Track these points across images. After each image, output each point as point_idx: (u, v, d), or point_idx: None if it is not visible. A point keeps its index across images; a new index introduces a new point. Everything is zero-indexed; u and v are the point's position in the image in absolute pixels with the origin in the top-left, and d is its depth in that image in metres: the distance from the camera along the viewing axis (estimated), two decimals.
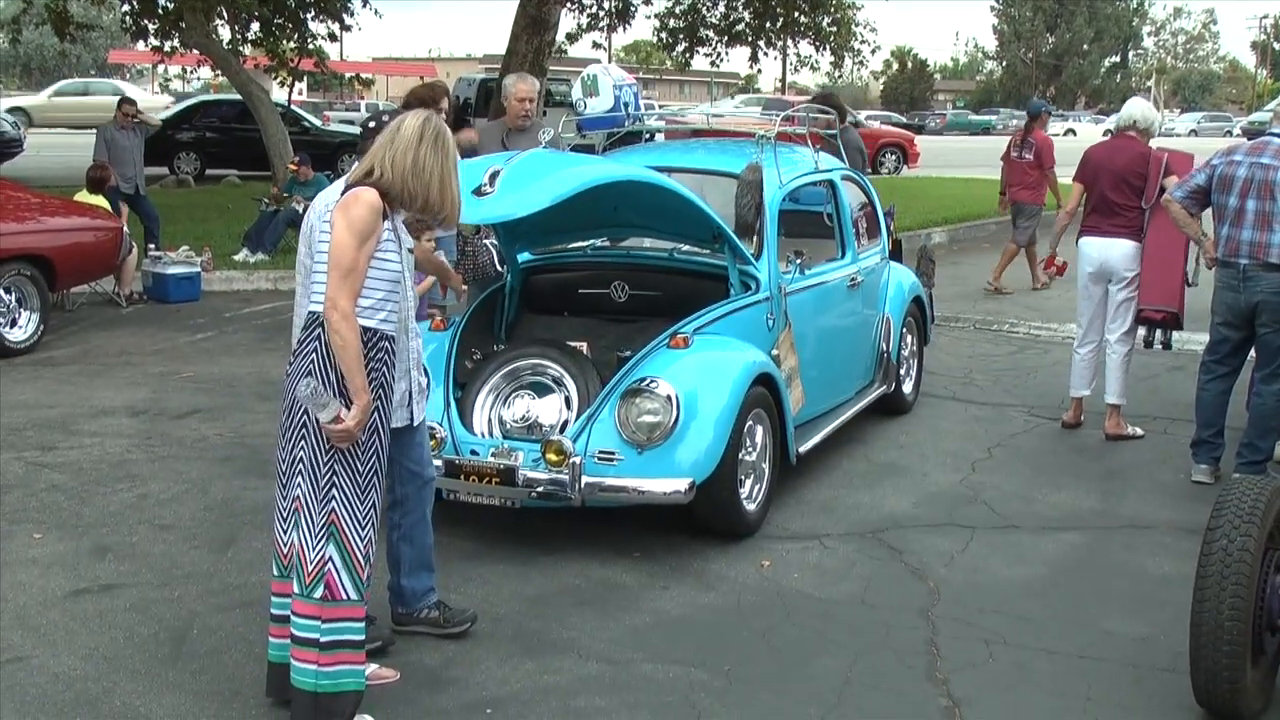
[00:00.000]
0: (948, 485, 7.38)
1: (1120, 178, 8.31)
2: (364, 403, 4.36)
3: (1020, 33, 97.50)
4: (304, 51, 22.35)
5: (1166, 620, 5.44)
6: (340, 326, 4.30)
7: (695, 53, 24.44)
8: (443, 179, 4.48)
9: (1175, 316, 8.24)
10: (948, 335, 11.46)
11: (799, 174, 7.71)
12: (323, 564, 4.44)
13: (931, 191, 23.58)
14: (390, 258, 4.48)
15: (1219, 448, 7.58)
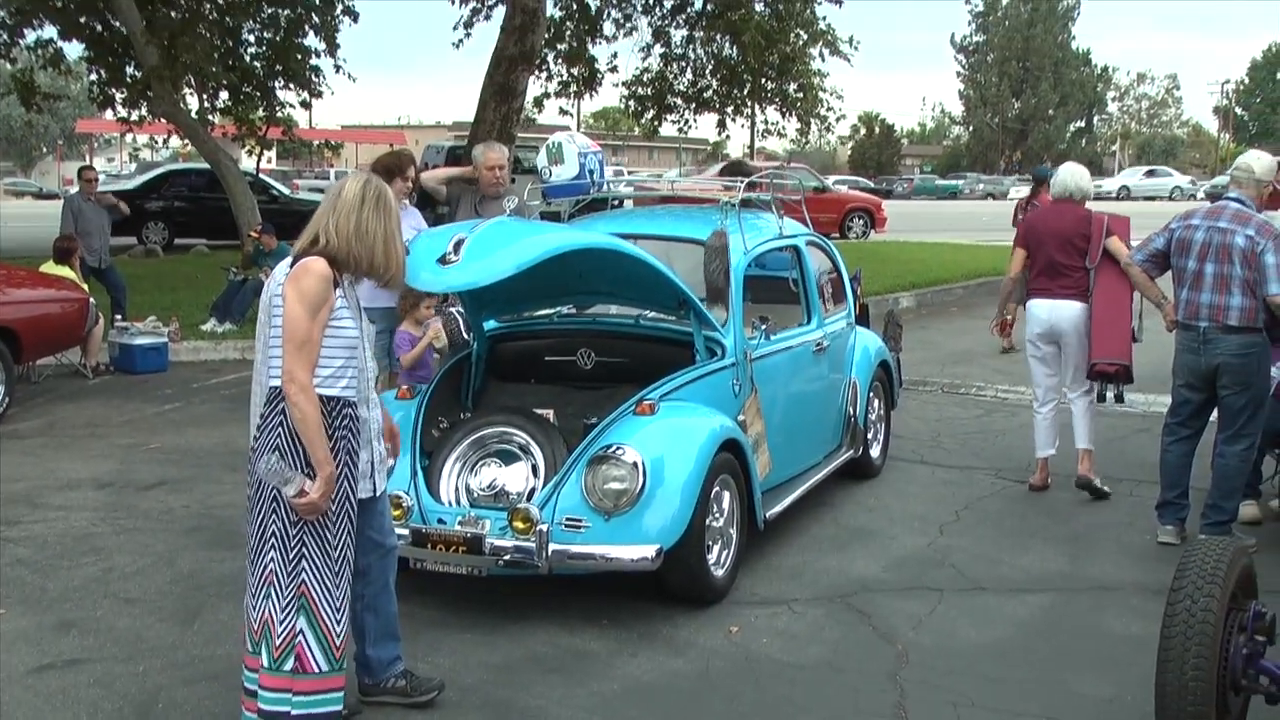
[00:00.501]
0: (916, 548, 7.40)
1: (1066, 240, 8.52)
2: (327, 474, 4.37)
3: (986, 98, 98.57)
4: (272, 120, 22.43)
5: (1133, 681, 5.45)
6: (299, 399, 4.33)
7: (663, 120, 24.65)
8: (386, 239, 4.53)
9: (1127, 369, 8.38)
10: (916, 399, 11.52)
11: (764, 239, 7.77)
12: (293, 636, 4.44)
13: (899, 256, 23.75)
14: (346, 325, 4.51)
15: (1184, 509, 7.62)
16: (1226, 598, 4.63)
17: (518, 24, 18.40)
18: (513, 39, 18.43)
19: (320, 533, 4.47)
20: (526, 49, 18.63)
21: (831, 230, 29.45)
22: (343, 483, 4.52)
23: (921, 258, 23.34)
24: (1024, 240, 8.89)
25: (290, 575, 4.45)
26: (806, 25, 22.77)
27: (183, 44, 18.34)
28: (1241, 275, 7.22)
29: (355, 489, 4.63)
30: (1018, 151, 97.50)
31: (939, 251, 25.04)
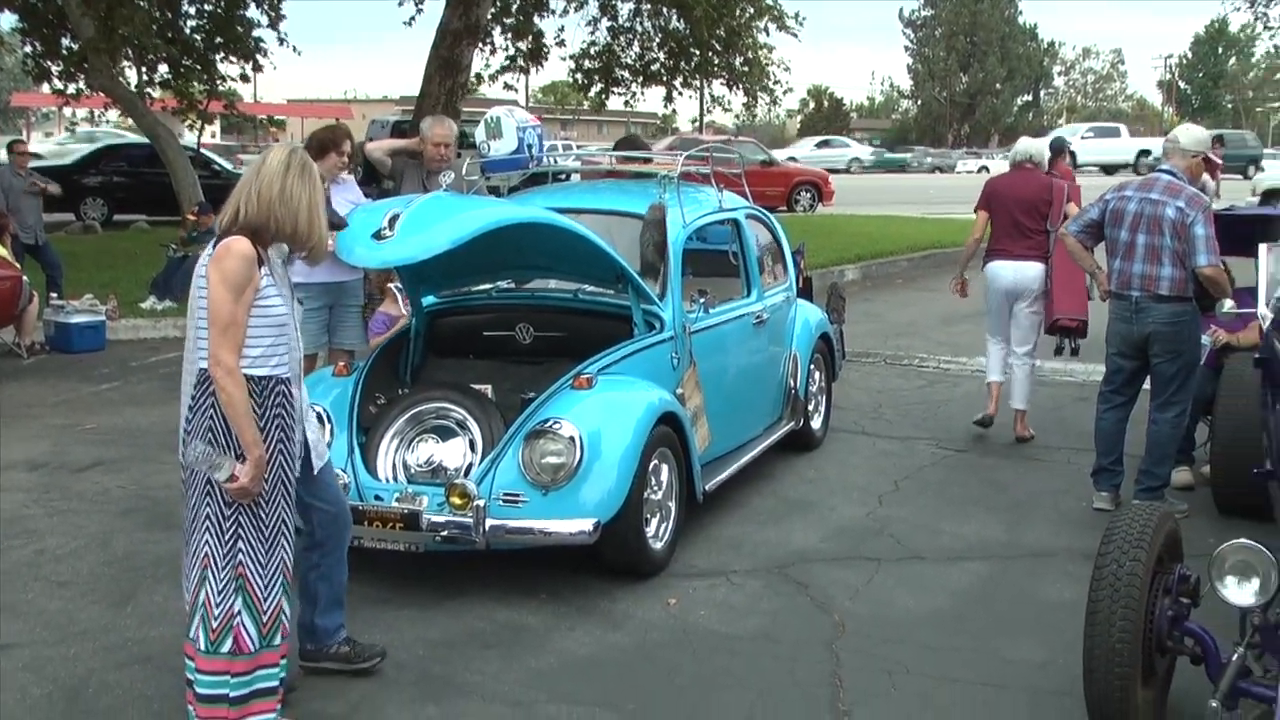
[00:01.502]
0: (855, 519, 7.44)
1: (1029, 205, 9.19)
2: (256, 457, 4.36)
3: (934, 72, 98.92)
4: (214, 94, 22.16)
5: (1065, 645, 5.50)
6: (225, 383, 4.32)
7: (611, 93, 24.54)
8: (310, 207, 4.48)
9: (1084, 324, 9.14)
10: (858, 370, 11.57)
11: (703, 213, 7.77)
12: (230, 617, 4.42)
13: (845, 229, 23.83)
14: (273, 303, 4.48)
15: (1119, 475, 7.72)
16: (1152, 562, 4.69)
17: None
18: (458, 13, 18.31)
19: (254, 512, 4.46)
20: (471, 23, 18.51)
21: (779, 203, 29.51)
22: (278, 460, 4.50)
23: (868, 231, 23.41)
24: (987, 204, 9.46)
25: (226, 557, 4.43)
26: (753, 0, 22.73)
27: (120, 15, 18.02)
28: (1172, 246, 7.30)
29: (293, 465, 4.61)
30: (965, 125, 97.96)
31: (884, 224, 25.14)
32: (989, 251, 9.43)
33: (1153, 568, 4.71)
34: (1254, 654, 4.67)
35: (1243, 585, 4.53)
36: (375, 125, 28.72)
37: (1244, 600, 4.53)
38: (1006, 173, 9.79)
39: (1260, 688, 4.56)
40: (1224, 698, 4.52)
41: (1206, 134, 8.16)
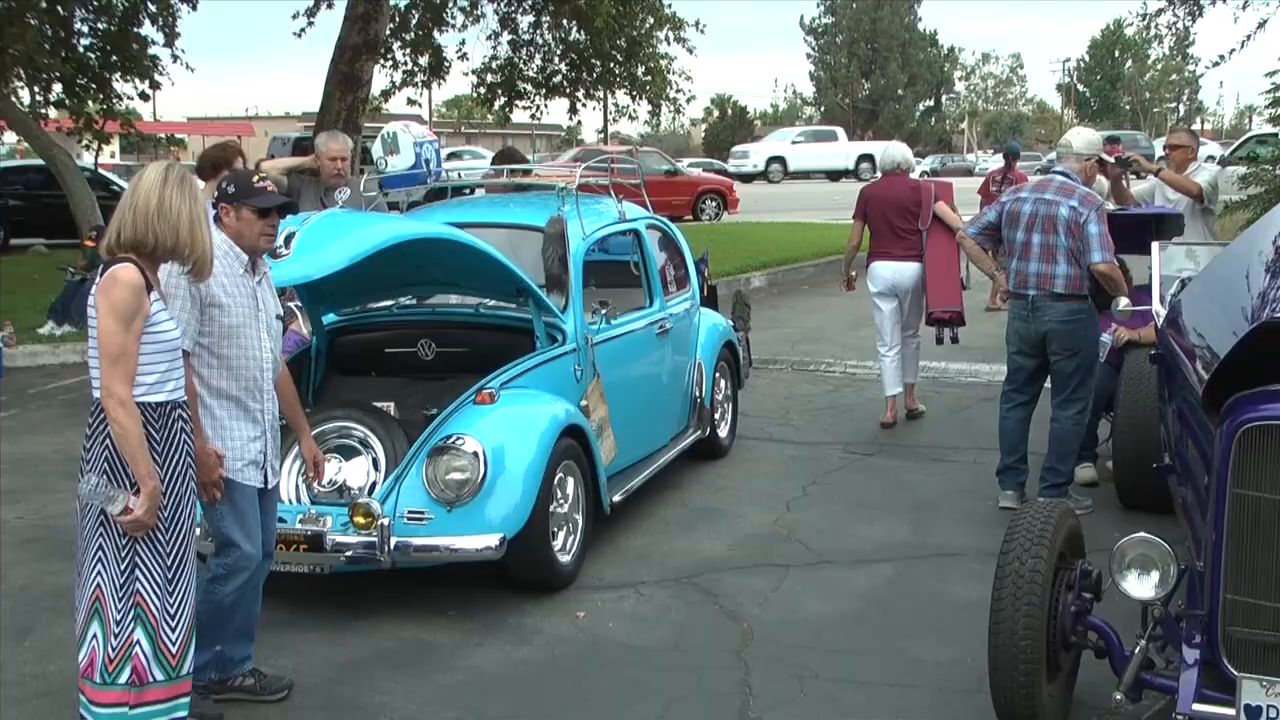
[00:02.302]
0: (763, 526, 7.46)
1: (902, 208, 9.78)
2: (150, 489, 4.27)
3: (836, 79, 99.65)
4: (111, 113, 21.78)
5: (973, 643, 5.54)
6: (118, 414, 4.23)
7: (514, 106, 24.50)
8: (191, 220, 4.38)
9: (960, 314, 9.76)
10: (765, 377, 11.61)
11: (603, 224, 7.76)
12: (128, 647, 4.33)
13: (751, 236, 23.92)
14: (165, 328, 4.39)
15: (1023, 473, 7.81)
16: (1054, 558, 4.76)
17: (360, 12, 18.13)
18: (356, 28, 18.15)
19: (154, 541, 4.37)
20: (370, 38, 18.37)
21: (684, 212, 29.58)
22: (181, 485, 4.43)
23: (773, 238, 23.52)
24: (862, 211, 10.10)
25: (123, 588, 4.34)
26: (653, 10, 22.80)
27: (11, 34, 17.64)
28: (1066, 245, 7.41)
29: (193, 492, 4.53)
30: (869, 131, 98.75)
31: (791, 231, 25.26)
32: (870, 254, 10.04)
33: (1055, 564, 4.77)
34: (1156, 646, 4.74)
35: (1143, 579, 4.60)
36: (277, 142, 28.49)
37: (1145, 593, 4.60)
38: (879, 180, 10.44)
39: (1163, 679, 4.63)
40: (1128, 689, 4.59)
41: (1098, 137, 8.32)
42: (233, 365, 4.88)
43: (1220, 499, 4.56)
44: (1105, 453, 8.31)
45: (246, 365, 4.90)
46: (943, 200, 9.79)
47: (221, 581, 4.96)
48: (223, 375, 4.87)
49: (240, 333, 4.87)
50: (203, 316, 4.78)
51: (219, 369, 4.87)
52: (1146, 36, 60.59)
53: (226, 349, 4.86)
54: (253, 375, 4.91)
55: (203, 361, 4.83)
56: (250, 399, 4.92)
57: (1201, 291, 6.37)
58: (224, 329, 4.83)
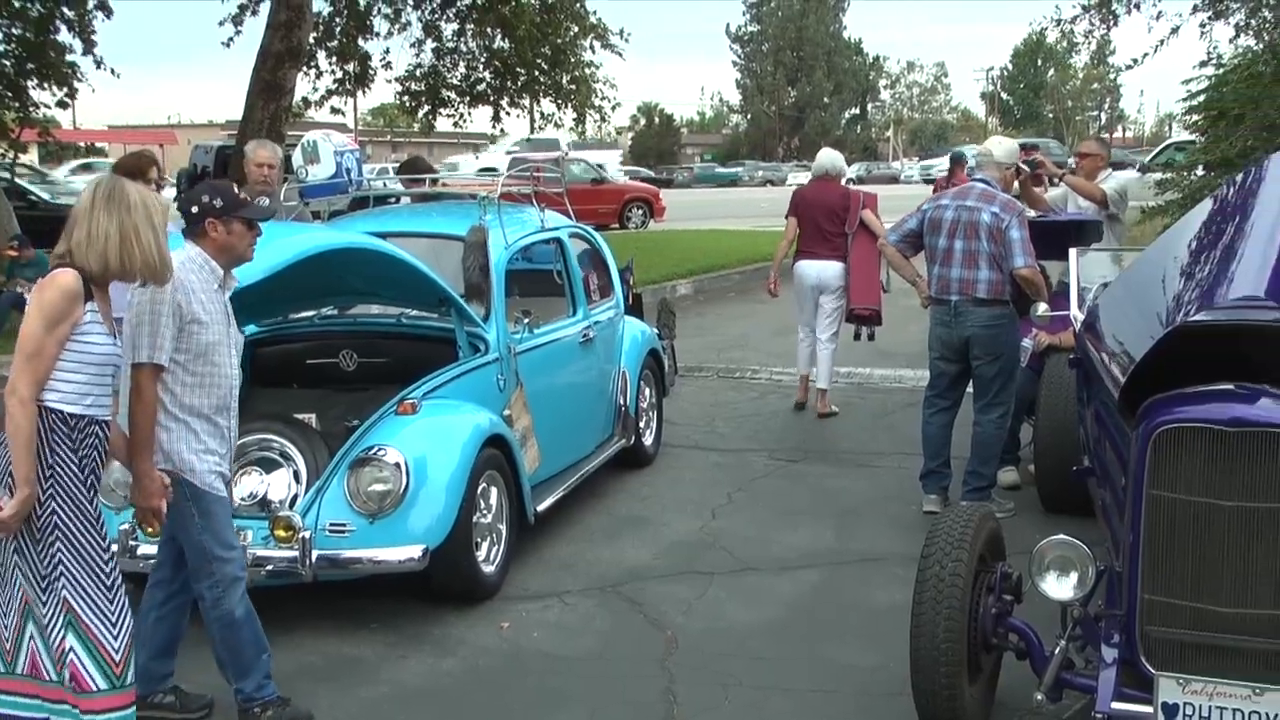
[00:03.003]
0: (688, 533, 7.46)
1: (831, 212, 10.40)
2: (24, 496, 4.15)
3: (763, 87, 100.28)
4: (27, 121, 21.42)
5: (895, 648, 5.53)
6: (15, 411, 4.13)
7: (439, 114, 24.38)
8: (123, 238, 4.26)
9: (877, 313, 10.41)
10: (691, 385, 11.62)
11: (525, 233, 7.74)
12: (62, 653, 4.25)
13: (678, 244, 23.96)
14: (95, 340, 4.27)
15: (947, 477, 7.86)
16: (974, 561, 4.79)
17: (283, 20, 17.95)
18: (279, 35, 17.98)
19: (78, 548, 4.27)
20: (294, 45, 18.20)
21: (611, 220, 29.60)
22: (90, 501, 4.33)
23: (700, 245, 23.59)
24: (795, 212, 10.71)
25: (46, 592, 4.25)
26: (577, 19, 22.78)
27: None
28: (988, 250, 7.49)
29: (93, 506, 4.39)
30: (795, 138, 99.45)
31: (717, 239, 25.35)
32: (797, 253, 10.70)
33: (975, 567, 4.81)
34: (1075, 646, 4.79)
35: (1062, 580, 4.65)
36: (199, 151, 28.13)
37: (1064, 595, 4.65)
38: (810, 184, 10.95)
39: (1082, 678, 4.68)
40: (1048, 690, 4.63)
41: (1016, 145, 8.43)
42: (206, 383, 4.81)
43: (1137, 501, 4.62)
44: (1028, 456, 8.39)
45: (218, 382, 4.84)
46: (869, 206, 10.45)
47: (221, 601, 4.89)
48: (197, 392, 4.79)
49: (216, 350, 4.81)
50: (181, 334, 4.70)
51: (193, 386, 4.78)
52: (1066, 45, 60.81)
53: (202, 366, 4.79)
54: (225, 392, 4.86)
55: (177, 379, 4.74)
56: (220, 416, 4.87)
57: (1118, 296, 6.44)
58: (201, 346, 4.76)
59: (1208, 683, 4.36)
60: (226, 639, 4.94)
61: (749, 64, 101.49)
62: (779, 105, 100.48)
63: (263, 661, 5.03)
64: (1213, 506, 4.47)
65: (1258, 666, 4.42)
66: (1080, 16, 11.75)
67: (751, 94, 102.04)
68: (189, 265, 4.78)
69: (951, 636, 4.65)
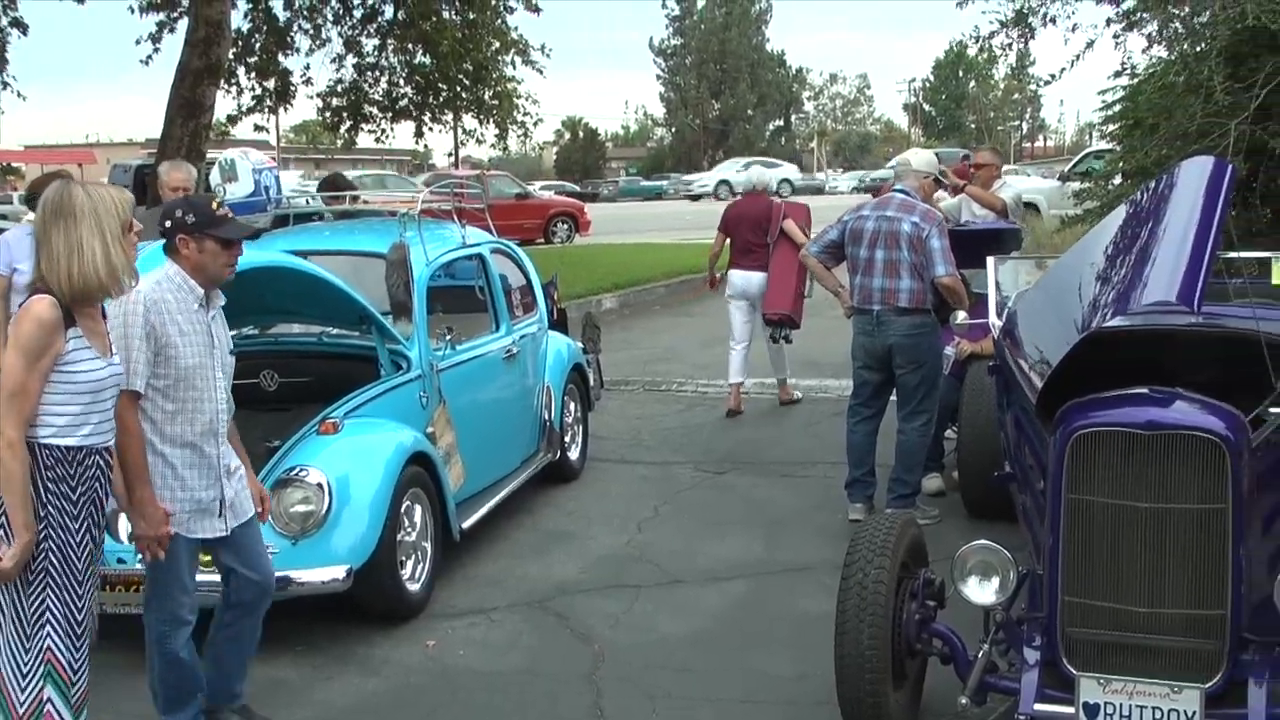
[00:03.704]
0: (614, 547, 7.46)
1: (755, 224, 11.02)
2: (24, 542, 3.94)
3: (687, 100, 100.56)
4: None
5: (822, 656, 5.51)
6: (4, 456, 3.89)
7: (360, 130, 24.25)
8: (70, 251, 4.01)
9: (789, 317, 10.81)
10: (617, 399, 11.61)
11: (446, 250, 7.71)
12: (38, 704, 4.06)
13: (603, 259, 23.95)
14: (83, 368, 4.05)
15: (871, 485, 7.91)
16: (897, 568, 4.83)
17: (201, 36, 17.76)
18: (197, 52, 17.77)
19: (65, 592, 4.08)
20: (212, 62, 18.00)
21: (536, 235, 29.55)
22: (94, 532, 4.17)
23: (625, 259, 23.60)
24: (725, 226, 11.37)
25: (32, 640, 4.06)
26: (499, 34, 22.76)
27: None
28: (909, 260, 7.55)
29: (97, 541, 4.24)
30: (720, 151, 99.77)
31: (642, 252, 25.38)
32: (729, 263, 11.33)
33: (898, 574, 4.84)
34: (999, 650, 4.84)
35: (984, 585, 4.70)
36: (117, 170, 27.79)
37: (985, 599, 4.71)
38: (740, 199, 11.76)
39: (1006, 681, 4.73)
40: (972, 693, 4.68)
41: (934, 156, 8.56)
42: (188, 410, 4.60)
43: (1056, 505, 4.68)
44: (952, 463, 8.47)
45: (202, 409, 4.63)
46: (792, 219, 10.91)
47: (167, 639, 4.78)
48: (178, 421, 4.59)
49: (197, 374, 4.59)
50: (158, 358, 4.50)
51: (174, 414, 4.58)
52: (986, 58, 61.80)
53: (183, 392, 4.58)
54: (209, 419, 4.64)
55: (156, 406, 4.55)
56: (206, 444, 4.66)
57: (1035, 302, 6.53)
58: (180, 371, 4.55)
59: (1128, 682, 4.42)
60: (164, 674, 4.83)
61: (672, 77, 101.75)
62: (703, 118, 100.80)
63: (195, 701, 4.92)
64: (1128, 508, 4.54)
65: (1175, 665, 4.50)
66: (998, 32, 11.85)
67: (675, 107, 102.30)
68: (165, 284, 4.57)
69: (875, 644, 4.69)
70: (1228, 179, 5.81)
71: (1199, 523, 4.50)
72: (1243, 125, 9.42)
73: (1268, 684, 4.46)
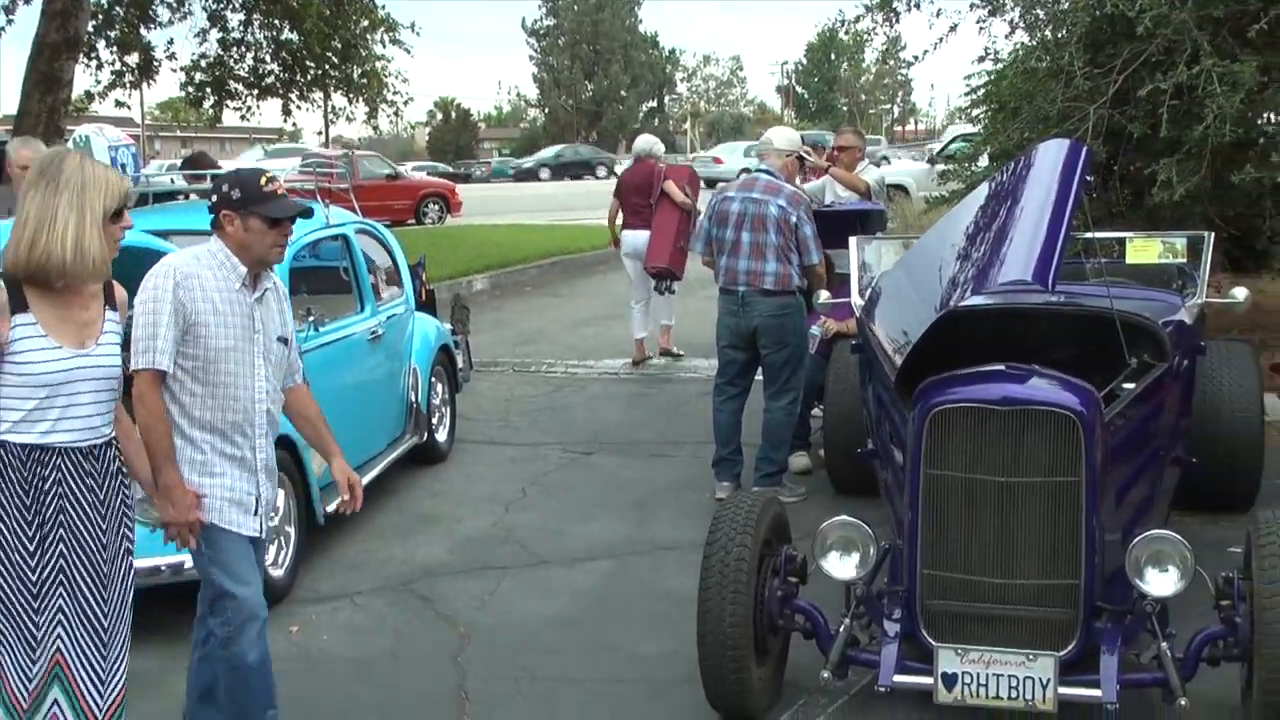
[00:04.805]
0: (481, 529, 7.41)
1: (639, 188, 12.03)
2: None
3: (560, 81, 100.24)
4: None
5: (686, 634, 5.53)
6: None
7: (225, 107, 23.77)
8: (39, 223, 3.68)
9: (668, 270, 11.59)
10: (486, 380, 11.52)
11: (308, 230, 7.56)
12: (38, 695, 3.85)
13: (474, 240, 23.78)
14: (33, 359, 3.68)
15: (738, 464, 7.95)
16: (759, 546, 4.87)
17: (59, 8, 17.24)
18: (55, 24, 17.26)
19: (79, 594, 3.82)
20: (71, 35, 17.50)
21: (407, 216, 29.28)
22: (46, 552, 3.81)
23: (496, 240, 23.46)
24: (617, 192, 12.48)
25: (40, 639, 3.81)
26: (367, 12, 22.46)
27: None
28: (776, 243, 7.59)
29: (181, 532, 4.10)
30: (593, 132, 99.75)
31: (514, 233, 25.23)
32: (623, 226, 12.24)
33: (760, 551, 4.89)
34: (860, 624, 4.92)
35: (844, 560, 4.77)
36: None
37: (846, 574, 4.77)
38: (631, 166, 12.56)
39: (867, 654, 4.82)
40: (834, 668, 4.76)
41: (797, 135, 8.60)
42: (219, 395, 4.23)
43: (915, 480, 4.76)
44: (819, 441, 8.55)
45: (236, 395, 4.25)
46: (671, 180, 11.81)
47: (232, 642, 4.36)
48: (207, 405, 4.22)
49: (229, 357, 4.22)
50: (187, 336, 4.16)
51: (203, 398, 4.22)
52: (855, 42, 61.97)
53: (213, 375, 4.21)
54: (243, 407, 4.27)
55: (184, 388, 4.20)
56: (239, 434, 4.28)
57: (896, 281, 6.61)
58: (210, 353, 4.19)
59: (984, 652, 4.52)
60: (232, 687, 4.43)
61: (545, 58, 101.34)
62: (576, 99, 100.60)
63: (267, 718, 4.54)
64: (984, 482, 4.64)
65: (1031, 634, 4.61)
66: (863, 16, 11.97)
67: (549, 88, 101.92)
68: (205, 260, 4.26)
69: (737, 620, 4.72)
70: (1083, 160, 5.94)
71: (1054, 496, 4.62)
72: (1102, 109, 9.65)
73: (1119, 651, 4.60)
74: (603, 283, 18.49)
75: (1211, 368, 7.06)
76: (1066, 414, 4.62)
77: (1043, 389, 4.80)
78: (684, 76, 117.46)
